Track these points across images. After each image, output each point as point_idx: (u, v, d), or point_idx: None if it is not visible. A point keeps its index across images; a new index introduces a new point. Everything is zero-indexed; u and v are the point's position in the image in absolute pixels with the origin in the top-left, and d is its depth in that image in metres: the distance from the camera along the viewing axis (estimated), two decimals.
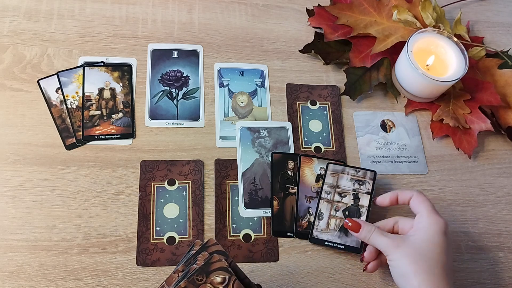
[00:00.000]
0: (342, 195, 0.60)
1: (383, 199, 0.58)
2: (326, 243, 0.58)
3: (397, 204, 0.57)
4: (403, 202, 0.56)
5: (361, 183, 0.61)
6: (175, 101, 0.66)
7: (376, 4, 0.73)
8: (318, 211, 0.59)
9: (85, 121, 0.62)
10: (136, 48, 0.69)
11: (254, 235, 0.59)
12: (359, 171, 0.61)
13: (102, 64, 0.67)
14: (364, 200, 0.60)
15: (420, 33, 0.68)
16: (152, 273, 0.55)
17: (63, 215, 0.57)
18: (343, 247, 0.58)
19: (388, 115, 0.71)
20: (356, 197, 0.60)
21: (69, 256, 0.55)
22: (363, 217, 0.59)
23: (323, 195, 0.60)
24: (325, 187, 0.60)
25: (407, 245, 0.50)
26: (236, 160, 0.63)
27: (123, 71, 0.67)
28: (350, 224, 0.56)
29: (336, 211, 0.59)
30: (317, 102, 0.70)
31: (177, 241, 0.57)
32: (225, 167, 0.62)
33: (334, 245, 0.58)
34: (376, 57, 0.70)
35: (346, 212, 0.59)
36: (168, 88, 0.67)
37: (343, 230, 0.58)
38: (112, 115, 0.64)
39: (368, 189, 0.61)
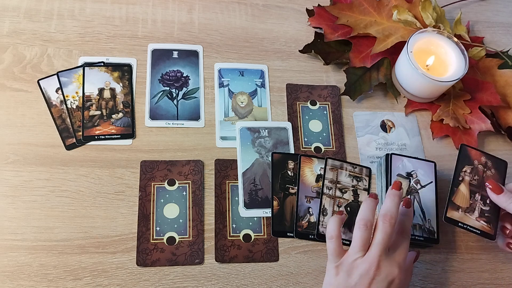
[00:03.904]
0: (343, 190, 0.61)
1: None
2: None
3: None
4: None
5: (358, 179, 0.62)
6: (175, 101, 0.66)
7: (376, 4, 0.73)
8: (322, 207, 0.59)
9: (85, 121, 0.62)
10: (136, 48, 0.69)
11: (254, 235, 0.59)
12: (356, 167, 0.62)
13: (102, 64, 0.67)
14: (363, 197, 0.61)
15: (420, 33, 0.68)
16: (152, 273, 0.55)
17: (63, 215, 0.57)
18: (348, 243, 0.59)
19: (388, 115, 0.71)
20: (355, 193, 0.61)
21: (69, 256, 0.55)
22: None
23: (325, 190, 0.60)
24: (326, 182, 0.61)
25: None
26: (236, 160, 0.63)
27: (123, 71, 0.67)
28: (491, 187, 0.56)
29: (339, 207, 0.60)
30: (317, 102, 0.70)
31: (177, 241, 0.57)
32: (225, 167, 0.62)
33: None
34: (376, 57, 0.70)
35: (348, 208, 0.60)
36: (168, 88, 0.67)
37: (347, 226, 0.59)
38: (112, 115, 0.64)
39: (365, 185, 0.62)
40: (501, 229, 0.58)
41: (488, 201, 0.58)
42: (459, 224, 0.57)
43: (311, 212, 0.60)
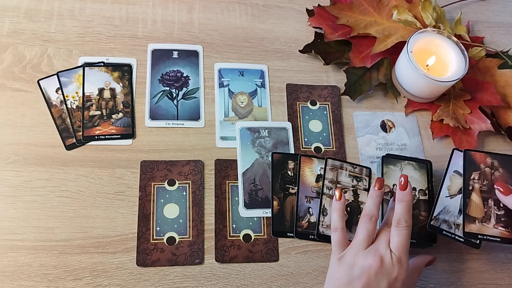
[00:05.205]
0: (343, 191, 0.60)
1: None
2: None
3: None
4: None
5: (358, 179, 0.62)
6: (175, 101, 0.66)
7: (376, 4, 0.73)
8: (322, 207, 0.59)
9: (85, 121, 0.62)
10: (136, 48, 0.69)
11: (254, 235, 0.59)
12: (356, 167, 0.62)
13: (102, 64, 0.67)
14: (363, 197, 0.61)
15: (420, 33, 0.68)
16: (152, 273, 0.55)
17: (63, 215, 0.57)
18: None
19: (388, 115, 0.71)
20: (355, 194, 0.61)
21: (69, 256, 0.55)
22: None
23: (325, 190, 0.60)
24: (326, 182, 0.60)
25: None
26: (236, 160, 0.63)
27: (123, 71, 0.67)
28: (502, 190, 0.55)
29: None
30: (317, 102, 0.70)
31: (177, 241, 0.57)
32: (225, 167, 0.62)
33: None
34: (376, 57, 0.70)
35: (348, 209, 0.60)
36: (168, 88, 0.67)
37: (347, 226, 0.59)
38: (112, 115, 0.64)
39: (365, 185, 0.62)
40: None
41: (501, 205, 0.56)
42: (479, 236, 0.55)
43: (311, 212, 0.60)
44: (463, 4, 0.83)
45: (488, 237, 0.55)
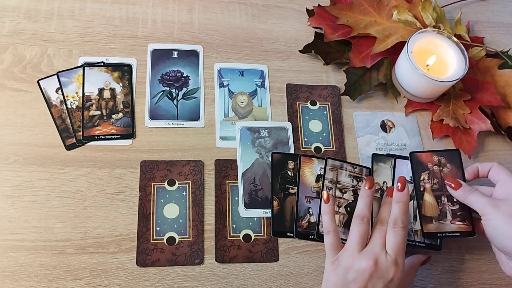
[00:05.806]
0: (343, 191, 0.60)
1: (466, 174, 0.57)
2: None
3: (477, 178, 0.57)
4: (482, 174, 0.56)
5: (358, 179, 0.61)
6: (175, 101, 0.66)
7: (376, 4, 0.73)
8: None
9: (85, 121, 0.62)
10: (136, 48, 0.69)
11: (254, 235, 0.59)
12: (356, 168, 0.62)
13: (102, 64, 0.67)
14: None
15: (420, 33, 0.68)
16: (152, 273, 0.55)
17: (63, 215, 0.57)
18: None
19: (388, 115, 0.71)
20: (355, 194, 0.61)
21: (69, 256, 0.55)
22: None
23: (325, 190, 0.60)
24: (326, 182, 0.60)
25: (507, 205, 0.50)
26: (236, 160, 0.63)
27: (123, 71, 0.67)
28: (453, 185, 0.55)
29: (339, 207, 0.60)
30: (317, 102, 0.70)
31: (177, 241, 0.57)
32: (225, 167, 0.62)
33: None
34: (376, 57, 0.70)
35: (348, 209, 0.60)
36: (168, 88, 0.67)
37: (346, 226, 0.58)
38: (112, 115, 0.64)
39: None
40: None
41: (455, 200, 0.57)
42: (438, 235, 0.56)
43: (311, 212, 0.60)
44: (463, 4, 0.83)
45: (447, 234, 0.56)
